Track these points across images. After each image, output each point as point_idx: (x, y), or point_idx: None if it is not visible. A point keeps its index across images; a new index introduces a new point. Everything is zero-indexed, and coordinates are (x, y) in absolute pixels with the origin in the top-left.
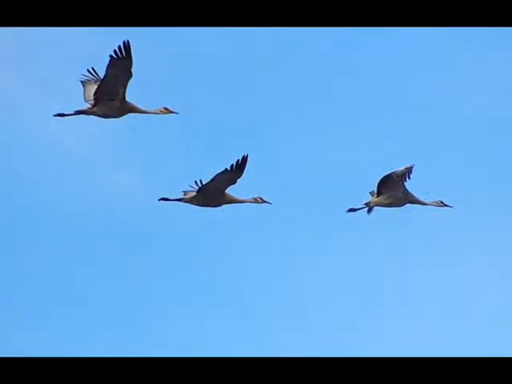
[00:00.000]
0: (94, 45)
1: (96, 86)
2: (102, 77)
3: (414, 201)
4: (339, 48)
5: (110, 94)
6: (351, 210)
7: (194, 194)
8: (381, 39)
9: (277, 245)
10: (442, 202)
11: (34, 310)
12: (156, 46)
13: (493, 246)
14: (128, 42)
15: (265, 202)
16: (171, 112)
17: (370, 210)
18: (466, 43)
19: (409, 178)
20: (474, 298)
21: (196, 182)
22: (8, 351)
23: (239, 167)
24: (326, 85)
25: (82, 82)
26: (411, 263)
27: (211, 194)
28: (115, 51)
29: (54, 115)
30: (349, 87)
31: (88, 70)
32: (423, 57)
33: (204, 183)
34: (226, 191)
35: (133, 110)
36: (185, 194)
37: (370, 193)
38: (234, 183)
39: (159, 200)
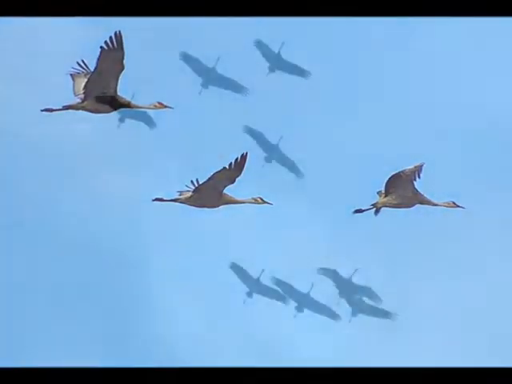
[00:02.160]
0: (93, 43)
1: (86, 80)
2: (92, 70)
3: (424, 201)
4: (342, 45)
5: (101, 88)
6: (358, 210)
7: (190, 194)
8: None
9: (277, 244)
10: (453, 203)
11: (31, 311)
12: (152, 40)
13: (494, 248)
14: (120, 32)
15: (265, 202)
16: (165, 107)
17: (377, 211)
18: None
19: (419, 177)
20: (476, 301)
21: (192, 181)
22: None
23: (238, 166)
24: (326, 84)
25: (71, 75)
26: (412, 265)
27: (208, 194)
28: (106, 42)
29: (42, 110)
30: (351, 86)
31: (78, 63)
32: (433, 51)
33: (201, 183)
34: (224, 191)
35: (125, 104)
36: (180, 195)
37: (378, 193)
38: (233, 183)
39: (153, 200)
